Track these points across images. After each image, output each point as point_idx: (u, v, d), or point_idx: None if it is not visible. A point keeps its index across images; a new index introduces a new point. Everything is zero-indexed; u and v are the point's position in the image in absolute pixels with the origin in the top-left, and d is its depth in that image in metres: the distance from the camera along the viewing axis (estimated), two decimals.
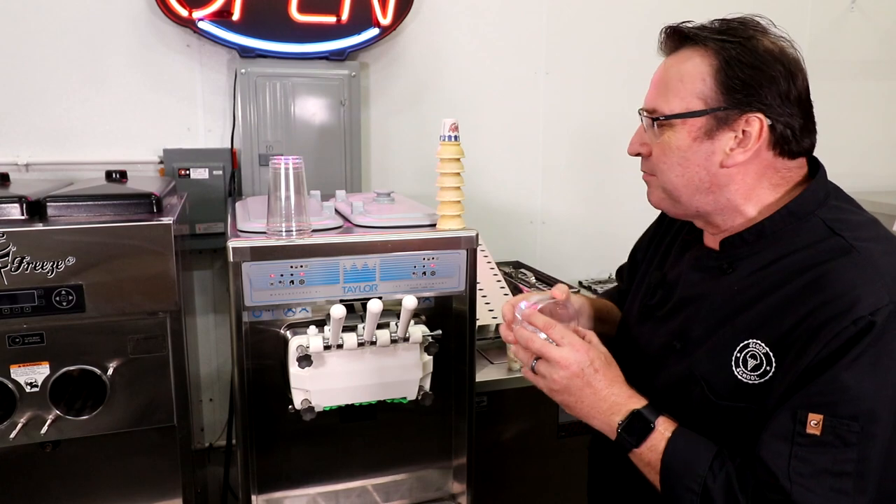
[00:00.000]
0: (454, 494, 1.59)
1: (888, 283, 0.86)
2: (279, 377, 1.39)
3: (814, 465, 0.84)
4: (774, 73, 0.92)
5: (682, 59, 0.98)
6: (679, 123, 0.96)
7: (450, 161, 1.37)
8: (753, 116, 0.93)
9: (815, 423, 0.84)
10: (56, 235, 1.27)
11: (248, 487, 1.43)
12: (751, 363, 0.92)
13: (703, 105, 0.94)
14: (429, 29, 2.28)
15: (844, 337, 0.83)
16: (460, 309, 1.47)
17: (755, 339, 0.92)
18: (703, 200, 0.99)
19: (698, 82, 0.95)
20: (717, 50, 0.94)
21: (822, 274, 0.88)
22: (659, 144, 0.99)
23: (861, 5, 2.82)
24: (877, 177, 3.02)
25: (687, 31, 0.99)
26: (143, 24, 2.00)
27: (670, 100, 0.97)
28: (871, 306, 0.84)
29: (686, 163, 0.97)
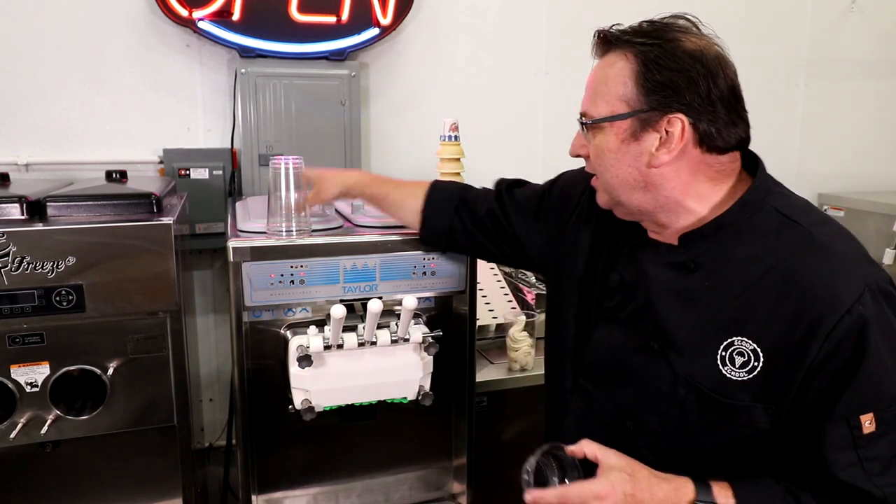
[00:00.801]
0: (454, 494, 1.59)
1: (855, 265, 0.91)
2: (279, 377, 1.39)
3: (881, 458, 0.88)
4: (694, 73, 0.94)
5: (608, 63, 1.00)
6: (607, 126, 0.99)
7: (450, 161, 1.37)
8: (675, 117, 0.94)
9: (869, 423, 0.87)
10: (56, 235, 1.27)
11: (248, 487, 1.43)
12: (738, 360, 0.93)
13: (626, 108, 0.96)
14: (429, 29, 2.28)
15: (842, 330, 0.87)
16: (460, 309, 1.47)
17: (740, 336, 0.93)
18: (642, 199, 1.00)
19: (621, 85, 0.97)
20: (636, 53, 0.96)
21: (794, 268, 0.91)
22: (593, 147, 1.02)
23: (861, 5, 2.82)
24: (877, 177, 3.02)
25: (611, 36, 1.01)
26: (142, 23, 2.00)
27: (598, 103, 1.00)
28: (852, 296, 0.87)
29: (618, 164, 0.99)
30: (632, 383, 1.05)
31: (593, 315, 1.13)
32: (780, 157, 2.87)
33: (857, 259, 0.92)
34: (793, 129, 2.86)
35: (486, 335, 1.91)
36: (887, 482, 0.88)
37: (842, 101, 2.89)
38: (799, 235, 0.94)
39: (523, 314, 1.80)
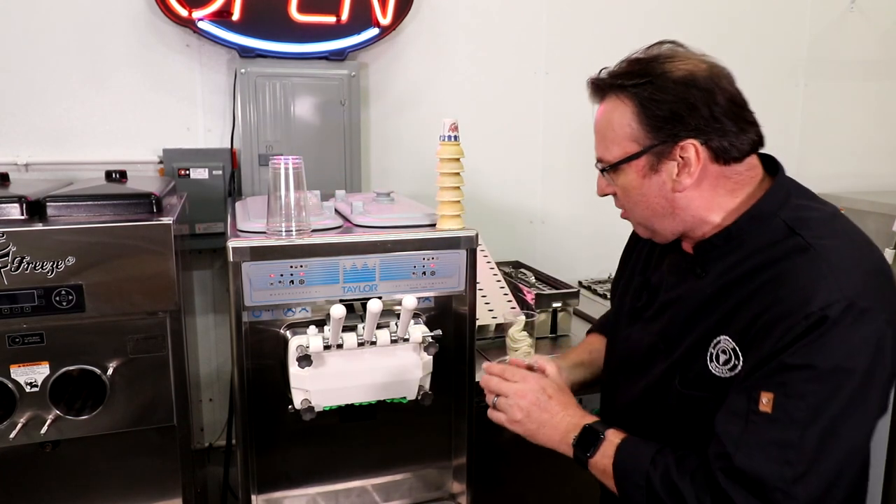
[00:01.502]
0: (454, 494, 1.59)
1: (841, 278, 0.91)
2: (279, 377, 1.39)
3: (762, 437, 0.90)
4: (691, 98, 0.98)
5: (609, 108, 1.06)
6: (625, 167, 1.05)
7: (450, 161, 1.37)
8: (686, 143, 0.99)
9: (767, 402, 0.90)
10: (56, 235, 1.27)
11: (247, 487, 1.43)
12: (722, 358, 1.00)
13: (638, 147, 1.02)
14: (429, 29, 2.28)
15: (797, 331, 0.90)
16: (460, 309, 1.47)
17: (725, 335, 0.99)
18: (674, 223, 1.07)
19: (626, 127, 1.02)
20: (631, 95, 1.01)
21: (780, 272, 0.95)
22: (619, 188, 1.09)
23: (860, 5, 2.82)
24: (877, 177, 3.02)
25: (602, 83, 1.06)
26: (142, 23, 2.00)
27: (610, 148, 1.06)
28: (822, 301, 0.89)
29: (644, 198, 1.06)
30: (645, 376, 1.14)
31: (626, 312, 1.25)
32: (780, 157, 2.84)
33: (849, 274, 0.93)
34: (792, 129, 2.86)
35: (486, 335, 1.91)
36: (749, 452, 0.90)
37: (841, 101, 2.89)
38: (796, 245, 0.96)
39: (523, 314, 1.79)
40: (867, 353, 0.90)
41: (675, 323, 1.08)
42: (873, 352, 0.90)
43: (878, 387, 0.92)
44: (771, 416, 0.90)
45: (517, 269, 2.32)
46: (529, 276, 2.23)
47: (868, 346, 0.90)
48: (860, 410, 0.91)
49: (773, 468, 0.88)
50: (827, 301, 0.89)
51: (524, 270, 2.30)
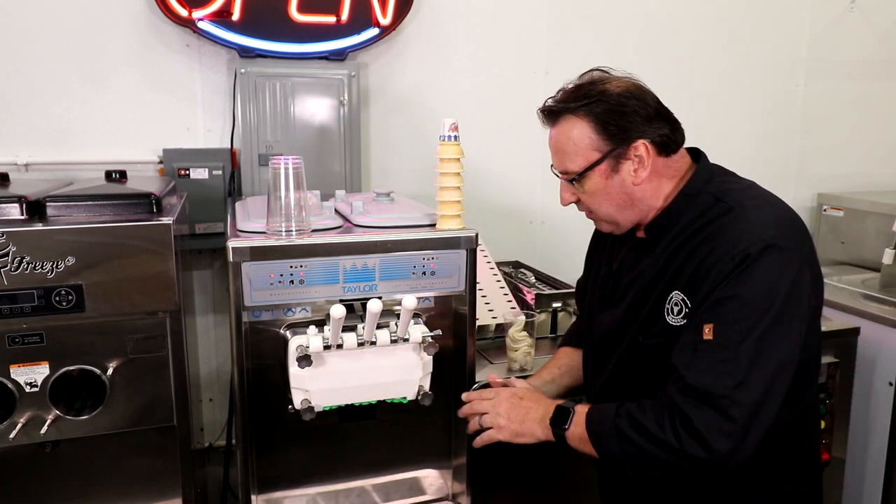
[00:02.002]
0: (454, 494, 1.59)
1: (760, 227, 1.12)
2: (279, 377, 1.39)
3: (708, 360, 1.08)
4: (632, 107, 1.19)
5: (566, 128, 1.23)
6: (590, 173, 1.23)
7: (450, 161, 1.37)
8: (637, 143, 1.19)
9: (709, 331, 1.09)
10: (56, 235, 1.27)
11: (247, 487, 1.43)
12: (675, 309, 1.19)
13: (599, 154, 1.21)
14: (428, 29, 2.28)
15: (726, 270, 1.09)
16: (460, 309, 1.47)
17: (675, 290, 1.19)
18: (633, 213, 1.26)
19: (587, 139, 1.21)
20: (586, 112, 1.20)
21: (712, 230, 1.16)
22: (585, 193, 1.26)
23: (860, 5, 2.82)
24: (876, 176, 3.02)
25: (557, 108, 1.24)
26: (142, 23, 2.00)
27: (574, 160, 1.23)
28: (745, 244, 1.09)
29: (609, 197, 1.24)
30: (613, 352, 1.33)
31: (596, 302, 1.42)
32: (780, 157, 2.88)
33: (769, 223, 1.13)
34: (792, 128, 2.86)
35: (486, 335, 1.91)
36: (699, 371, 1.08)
37: (841, 101, 2.90)
38: (722, 208, 1.17)
39: (523, 314, 1.80)
40: (785, 283, 1.08)
41: (637, 294, 1.26)
42: (790, 284, 1.08)
43: (796, 316, 1.09)
44: (713, 341, 1.08)
45: (517, 269, 2.32)
46: (529, 276, 2.23)
47: (785, 278, 1.08)
48: (783, 329, 1.08)
49: (717, 380, 1.06)
50: (749, 243, 1.09)
51: (524, 270, 2.30)
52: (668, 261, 1.21)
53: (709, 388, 1.06)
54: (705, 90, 2.66)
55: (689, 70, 2.62)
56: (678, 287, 1.18)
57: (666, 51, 2.57)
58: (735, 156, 2.79)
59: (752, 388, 1.05)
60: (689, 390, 1.08)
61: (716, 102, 2.69)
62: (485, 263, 2.07)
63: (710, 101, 2.67)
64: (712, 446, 1.04)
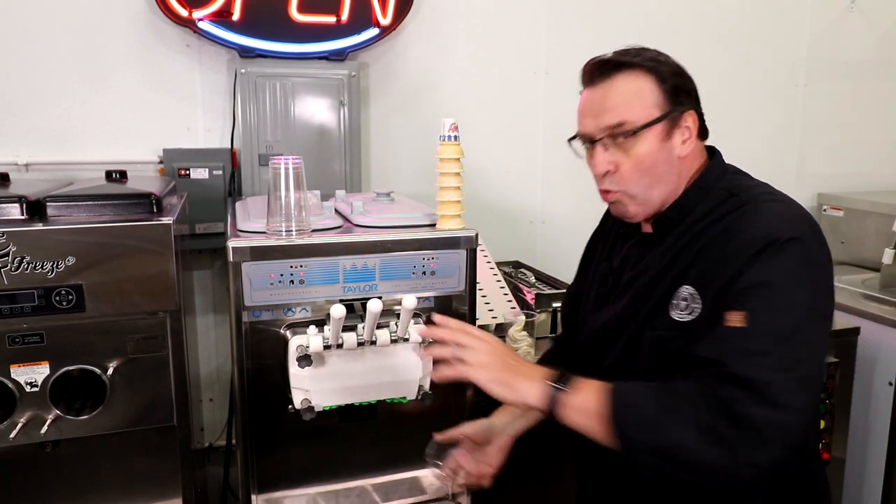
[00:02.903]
0: (454, 494, 1.59)
1: (777, 221, 1.05)
2: (279, 377, 1.39)
3: (744, 347, 0.97)
4: (686, 78, 1.16)
5: (627, 80, 1.13)
6: (646, 132, 1.12)
7: (450, 161, 1.37)
8: (688, 113, 1.14)
9: (739, 319, 0.98)
10: (56, 235, 1.27)
11: (247, 487, 1.43)
12: (682, 304, 1.10)
13: (659, 112, 1.12)
14: (429, 29, 2.28)
15: (749, 255, 1.00)
16: (460, 309, 1.47)
17: (684, 284, 1.10)
18: (666, 191, 1.16)
19: (650, 95, 1.12)
20: (650, 68, 1.13)
21: (726, 224, 1.08)
22: (630, 158, 1.13)
23: (860, 5, 2.82)
24: (876, 177, 3.02)
25: (620, 61, 1.14)
26: (142, 23, 2.00)
27: (636, 111, 1.12)
28: (768, 232, 1.02)
29: (656, 164, 1.13)
30: (611, 351, 1.22)
31: (591, 301, 1.32)
32: (780, 157, 2.87)
33: (787, 218, 1.07)
34: (792, 128, 2.86)
35: None
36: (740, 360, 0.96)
37: (841, 101, 2.89)
38: (738, 202, 1.11)
39: (523, 314, 1.80)
40: (812, 275, 1.01)
41: (641, 290, 1.17)
42: (817, 277, 1.02)
43: (824, 311, 1.02)
44: (746, 329, 0.98)
45: (517, 269, 2.32)
46: (529, 276, 2.23)
47: (813, 270, 1.01)
48: (818, 317, 1.01)
49: (760, 372, 0.95)
50: (771, 232, 1.01)
51: (524, 270, 2.30)
52: (676, 255, 1.13)
53: (753, 379, 0.94)
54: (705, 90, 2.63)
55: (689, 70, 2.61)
56: (687, 282, 1.09)
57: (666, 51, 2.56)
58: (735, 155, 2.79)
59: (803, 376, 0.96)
60: (730, 378, 0.95)
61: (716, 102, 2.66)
62: (485, 263, 2.07)
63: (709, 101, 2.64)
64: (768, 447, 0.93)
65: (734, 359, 0.96)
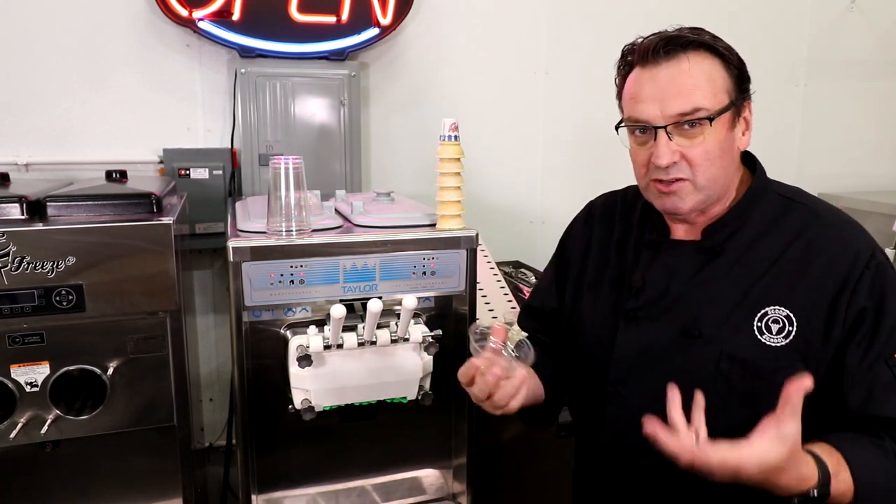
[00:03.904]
0: (454, 494, 1.59)
1: (859, 231, 1.05)
2: (279, 377, 1.39)
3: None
4: (744, 65, 1.06)
5: (698, 61, 1.02)
6: (718, 120, 1.02)
7: (450, 161, 1.37)
8: (748, 103, 1.06)
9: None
10: (56, 235, 1.27)
11: (248, 487, 1.43)
12: (774, 328, 1.01)
13: (728, 99, 1.03)
14: (429, 29, 2.28)
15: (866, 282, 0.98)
16: (460, 309, 1.47)
17: (773, 305, 1.01)
18: (725, 186, 1.07)
19: (722, 80, 1.03)
20: (716, 52, 1.03)
21: (812, 239, 1.03)
22: (700, 147, 1.02)
23: (860, 5, 2.82)
24: (877, 176, 3.02)
25: (693, 39, 1.04)
26: (142, 23, 2.00)
27: (711, 96, 1.01)
28: (866, 253, 1.00)
29: (723, 154, 1.04)
30: (670, 375, 1.01)
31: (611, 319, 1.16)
32: (780, 157, 2.87)
33: (856, 227, 1.06)
34: (792, 128, 2.86)
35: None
36: None
37: (842, 101, 2.89)
38: (806, 212, 1.06)
39: None
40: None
41: (707, 306, 1.05)
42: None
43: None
44: None
45: (517, 269, 2.32)
46: (529, 276, 2.23)
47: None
48: None
49: None
50: (868, 252, 1.00)
51: (524, 270, 2.30)
52: (748, 271, 1.04)
53: None
54: None
55: None
56: (777, 302, 1.01)
57: None
58: None
59: None
60: None
61: None
62: (485, 263, 2.07)
63: None
64: None
65: None
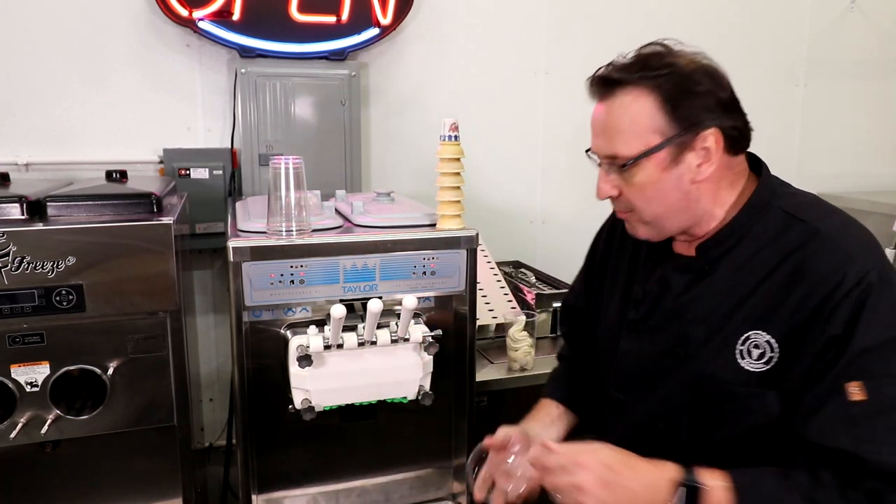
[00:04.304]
0: (454, 494, 1.59)
1: (859, 253, 0.95)
2: (279, 377, 1.39)
3: (874, 427, 0.89)
4: (706, 87, 0.98)
5: (626, 101, 1.01)
6: (644, 161, 1.00)
7: (450, 161, 1.37)
8: (707, 133, 0.98)
9: (858, 390, 0.89)
10: (56, 235, 1.27)
11: (248, 487, 1.43)
12: (755, 353, 0.98)
13: (661, 138, 0.99)
14: (429, 29, 2.28)
15: (844, 312, 0.91)
16: (460, 309, 1.47)
17: (756, 329, 0.98)
18: (684, 218, 1.05)
19: (649, 119, 0.99)
20: (653, 86, 0.98)
21: (803, 260, 0.96)
22: (632, 186, 1.03)
23: (861, 5, 2.82)
24: (877, 177, 3.02)
25: (617, 77, 1.02)
26: (142, 23, 2.00)
27: (629, 142, 1.00)
28: (855, 277, 0.92)
29: (662, 193, 1.02)
30: (662, 387, 1.08)
31: (615, 324, 1.18)
32: (780, 157, 2.87)
33: (862, 247, 0.97)
34: (792, 128, 2.86)
35: (486, 335, 1.91)
36: (876, 448, 0.88)
37: (842, 101, 2.89)
38: (805, 230, 0.98)
39: (523, 314, 1.80)
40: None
41: (694, 324, 1.04)
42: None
43: None
44: (868, 402, 0.89)
45: (517, 269, 2.32)
46: (529, 276, 2.23)
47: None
48: None
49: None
50: (859, 276, 0.91)
51: (524, 270, 2.30)
52: (736, 292, 1.01)
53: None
54: None
55: None
56: (759, 327, 0.97)
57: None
58: None
59: None
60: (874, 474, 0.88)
61: None
62: (485, 263, 2.07)
63: None
64: None
65: (870, 448, 0.88)
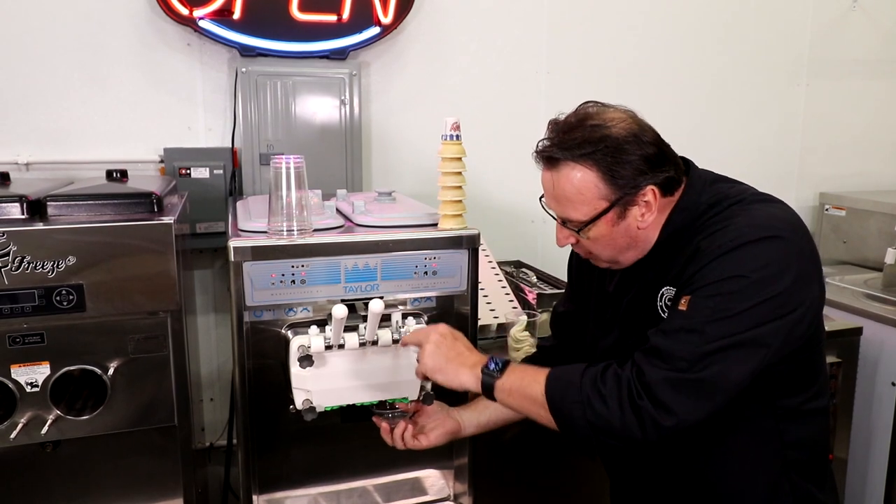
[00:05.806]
0: (455, 495, 1.58)
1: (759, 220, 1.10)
2: (280, 377, 1.39)
3: (673, 325, 1.08)
4: (636, 151, 1.13)
5: (569, 175, 1.16)
6: (596, 223, 1.17)
7: (451, 160, 1.37)
8: (646, 190, 1.14)
9: (684, 302, 1.08)
10: (56, 235, 1.27)
11: (249, 487, 1.42)
12: (667, 305, 1.17)
13: (607, 203, 1.15)
14: (430, 28, 2.27)
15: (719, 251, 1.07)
16: (462, 309, 1.46)
17: (666, 285, 1.17)
18: (635, 253, 1.22)
19: (593, 188, 1.14)
20: (592, 162, 1.13)
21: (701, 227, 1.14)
22: (588, 240, 1.20)
23: (862, 4, 2.82)
24: (878, 176, 3.02)
25: (561, 154, 1.17)
26: (143, 22, 2.00)
27: (579, 209, 1.17)
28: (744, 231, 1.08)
29: (613, 242, 1.19)
30: None
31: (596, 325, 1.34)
32: (782, 157, 2.87)
33: (760, 214, 1.12)
34: (794, 128, 2.86)
35: (488, 335, 1.91)
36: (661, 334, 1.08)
37: (843, 101, 2.89)
38: (721, 208, 1.15)
39: (525, 314, 1.79)
40: (773, 266, 1.05)
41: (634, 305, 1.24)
42: (778, 268, 1.05)
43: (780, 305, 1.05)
44: (685, 312, 1.07)
45: (519, 269, 2.32)
46: (531, 276, 2.22)
47: (777, 267, 1.05)
48: (761, 311, 1.04)
49: (680, 346, 1.05)
50: (748, 231, 1.07)
51: (526, 270, 2.30)
52: (657, 266, 1.20)
53: (670, 350, 1.05)
54: (706, 89, 2.65)
55: (690, 69, 2.61)
56: (668, 282, 1.17)
57: (666, 51, 2.57)
58: (736, 155, 2.80)
59: (717, 360, 1.04)
60: (650, 351, 1.08)
61: (717, 102, 2.69)
62: (486, 263, 2.06)
63: (711, 101, 2.67)
64: (659, 398, 1.03)
65: (661, 335, 1.07)
